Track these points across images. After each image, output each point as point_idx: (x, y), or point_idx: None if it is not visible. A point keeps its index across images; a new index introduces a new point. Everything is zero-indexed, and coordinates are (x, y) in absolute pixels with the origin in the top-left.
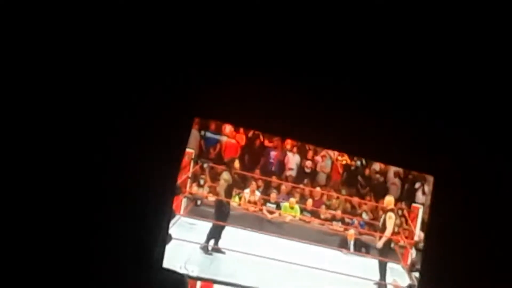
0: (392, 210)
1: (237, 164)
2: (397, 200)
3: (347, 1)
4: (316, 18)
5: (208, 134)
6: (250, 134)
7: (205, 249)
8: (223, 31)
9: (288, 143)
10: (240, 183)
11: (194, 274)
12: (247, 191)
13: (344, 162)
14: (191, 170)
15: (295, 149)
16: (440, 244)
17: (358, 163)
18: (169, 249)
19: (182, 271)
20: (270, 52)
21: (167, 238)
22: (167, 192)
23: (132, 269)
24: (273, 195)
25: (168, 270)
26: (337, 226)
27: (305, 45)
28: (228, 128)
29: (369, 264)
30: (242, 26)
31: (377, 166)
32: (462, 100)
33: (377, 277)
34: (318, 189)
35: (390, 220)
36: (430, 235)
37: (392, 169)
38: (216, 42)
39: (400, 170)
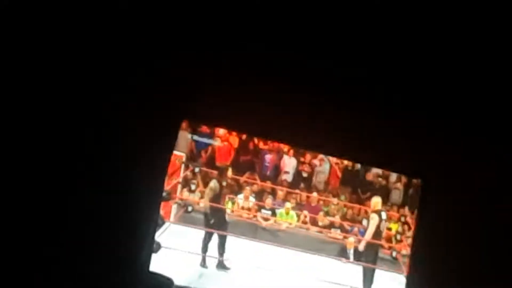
0: (376, 211)
1: (230, 172)
2: (400, 206)
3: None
4: (308, 22)
5: (199, 137)
6: (244, 136)
7: (202, 262)
8: (214, 32)
9: (284, 145)
10: (234, 188)
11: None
12: (240, 196)
13: (343, 166)
14: (181, 174)
15: (291, 152)
16: (429, 249)
17: (359, 166)
18: (158, 257)
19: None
20: (261, 54)
21: (154, 242)
22: (153, 196)
23: (118, 274)
24: (268, 201)
25: (155, 274)
26: (336, 233)
27: (297, 49)
28: (221, 129)
29: None
30: (233, 28)
31: (379, 170)
32: (451, 101)
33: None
34: (315, 194)
35: (372, 221)
36: (418, 240)
37: (395, 173)
38: (207, 43)
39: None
